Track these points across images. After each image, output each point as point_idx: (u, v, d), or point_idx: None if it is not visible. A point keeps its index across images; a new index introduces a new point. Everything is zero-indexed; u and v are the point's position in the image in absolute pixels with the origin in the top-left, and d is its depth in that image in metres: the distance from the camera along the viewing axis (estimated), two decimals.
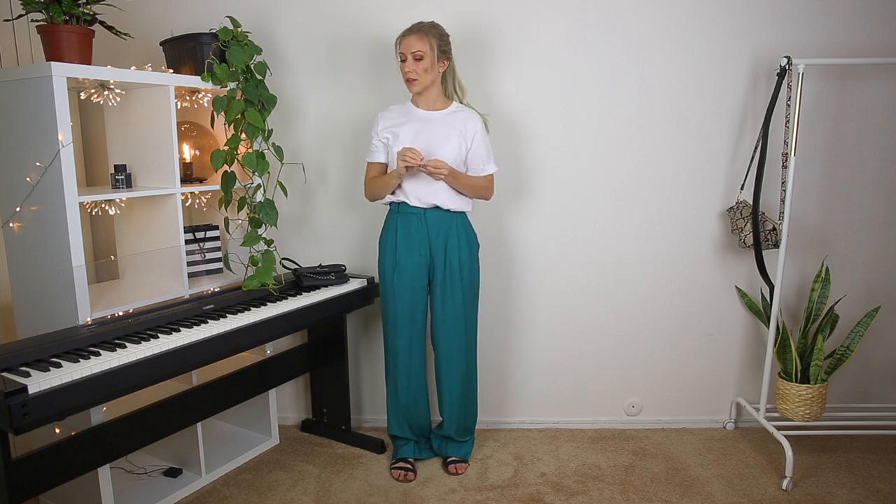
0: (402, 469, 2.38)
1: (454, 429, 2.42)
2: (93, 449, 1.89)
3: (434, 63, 2.19)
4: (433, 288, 2.32)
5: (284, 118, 2.63)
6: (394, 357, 2.36)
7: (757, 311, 2.61)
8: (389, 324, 2.35)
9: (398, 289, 2.30)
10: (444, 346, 2.34)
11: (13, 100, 1.90)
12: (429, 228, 2.26)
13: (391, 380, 2.40)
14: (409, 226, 2.27)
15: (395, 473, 2.37)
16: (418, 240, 2.27)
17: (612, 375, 2.74)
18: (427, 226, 2.26)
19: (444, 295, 2.30)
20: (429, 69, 2.19)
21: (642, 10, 2.49)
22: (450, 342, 2.33)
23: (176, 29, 2.40)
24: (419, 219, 2.26)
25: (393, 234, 2.30)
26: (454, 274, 2.29)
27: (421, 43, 2.16)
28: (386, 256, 2.32)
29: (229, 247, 2.45)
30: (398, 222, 2.29)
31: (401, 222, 2.28)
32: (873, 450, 2.54)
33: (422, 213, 2.26)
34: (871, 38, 2.47)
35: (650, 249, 2.65)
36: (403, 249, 2.28)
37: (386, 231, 2.34)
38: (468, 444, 2.48)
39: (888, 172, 2.58)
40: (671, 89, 2.53)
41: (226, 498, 2.25)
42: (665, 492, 2.26)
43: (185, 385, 2.26)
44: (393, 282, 2.30)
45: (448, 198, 2.25)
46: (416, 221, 2.27)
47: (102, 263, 2.51)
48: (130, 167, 2.28)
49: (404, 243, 2.28)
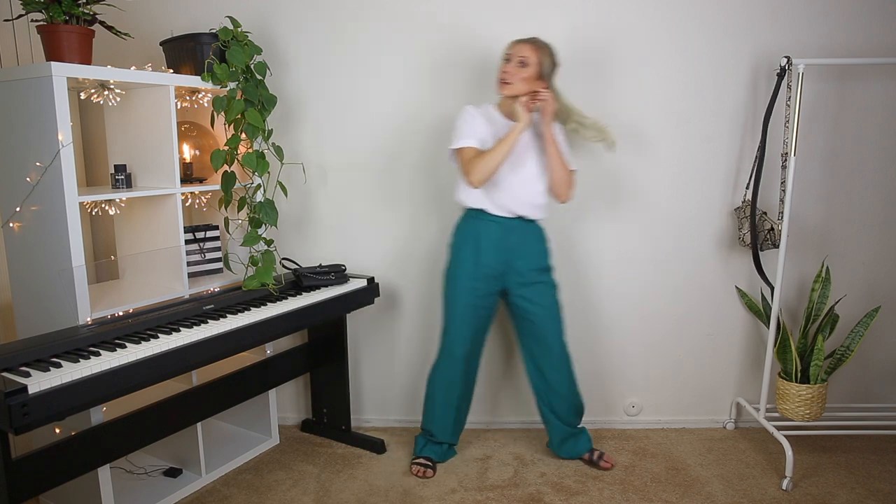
0: (422, 465, 2.39)
1: (575, 418, 2.46)
2: (93, 449, 1.89)
3: (533, 78, 2.17)
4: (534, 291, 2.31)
5: (284, 118, 2.63)
6: (454, 361, 2.36)
7: (757, 311, 2.61)
8: (456, 328, 2.33)
9: (476, 295, 2.29)
10: (555, 340, 2.35)
11: (13, 100, 1.90)
12: (511, 236, 2.27)
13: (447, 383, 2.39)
14: (491, 234, 2.26)
15: (416, 469, 2.38)
16: (497, 247, 2.26)
17: (612, 375, 2.74)
18: (513, 234, 2.27)
19: (536, 294, 2.31)
20: (526, 80, 2.16)
21: (642, 10, 2.49)
22: (557, 336, 2.36)
23: (176, 29, 2.40)
24: (502, 227, 2.26)
25: (474, 240, 2.28)
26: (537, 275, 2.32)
27: (531, 52, 2.16)
28: (465, 263, 2.29)
29: (229, 247, 2.45)
30: (480, 229, 2.27)
31: (483, 230, 2.27)
32: (873, 450, 2.54)
33: (506, 222, 2.26)
34: (871, 39, 2.47)
35: (650, 249, 2.65)
36: (486, 257, 2.27)
37: (465, 236, 2.31)
38: (584, 433, 2.50)
39: (888, 172, 2.58)
40: (671, 89, 2.53)
41: (226, 498, 2.25)
42: (665, 492, 2.26)
43: (185, 385, 2.26)
44: (469, 288, 2.29)
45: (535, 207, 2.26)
46: (497, 230, 2.26)
47: (102, 263, 2.51)
48: (130, 167, 2.28)
49: (487, 251, 2.26)
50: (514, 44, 2.19)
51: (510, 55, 2.17)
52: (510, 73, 2.16)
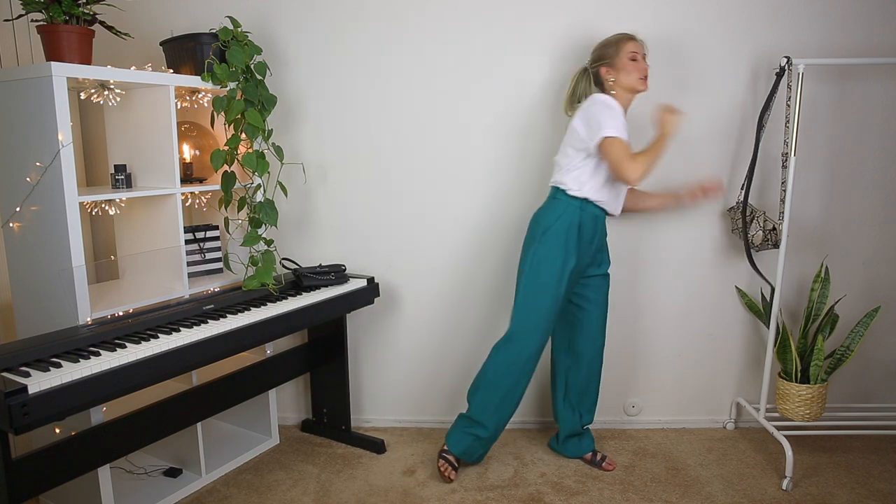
0: (451, 464, 2.35)
1: (591, 416, 2.50)
2: (93, 449, 1.89)
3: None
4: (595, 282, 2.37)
5: (284, 118, 2.63)
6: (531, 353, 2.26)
7: (757, 311, 2.61)
8: (542, 320, 2.24)
9: (567, 288, 2.26)
10: (601, 332, 2.41)
11: (13, 100, 1.90)
12: (598, 232, 2.30)
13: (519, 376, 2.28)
14: (586, 227, 2.24)
15: (442, 464, 2.35)
16: (589, 241, 2.27)
17: (612, 375, 2.74)
18: (600, 230, 2.30)
19: (601, 288, 2.38)
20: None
21: (642, 10, 2.49)
22: (604, 329, 2.42)
23: (176, 29, 2.40)
24: (597, 222, 2.27)
25: (576, 231, 2.22)
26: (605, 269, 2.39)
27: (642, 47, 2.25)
28: (562, 253, 2.22)
29: (229, 247, 2.45)
30: (582, 220, 2.23)
31: (585, 221, 2.23)
32: (873, 450, 2.54)
33: (602, 217, 2.29)
34: (871, 38, 2.47)
35: (650, 249, 2.65)
36: (582, 249, 2.25)
37: (565, 226, 2.22)
38: (590, 431, 2.53)
39: (888, 172, 2.58)
40: (671, 89, 2.53)
41: (226, 498, 2.25)
42: (665, 492, 2.26)
43: (185, 385, 2.26)
44: (563, 280, 2.23)
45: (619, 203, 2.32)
46: (591, 224, 2.26)
47: (102, 263, 2.51)
48: (130, 167, 2.28)
49: (584, 242, 2.25)
50: (633, 42, 2.23)
51: (637, 53, 2.21)
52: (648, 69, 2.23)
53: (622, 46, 2.22)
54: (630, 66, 2.20)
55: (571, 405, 2.47)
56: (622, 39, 2.24)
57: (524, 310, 2.27)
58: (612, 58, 2.23)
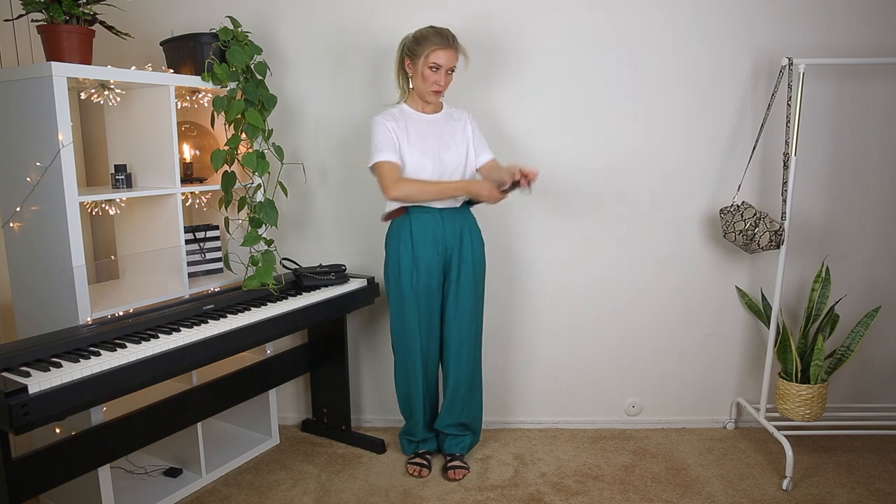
0: (418, 465, 2.39)
1: (454, 426, 2.43)
2: (93, 449, 1.89)
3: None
4: (448, 285, 2.32)
5: (284, 118, 2.63)
6: (414, 359, 2.34)
7: (757, 311, 2.61)
8: (408, 327, 2.31)
9: (419, 291, 2.28)
10: (456, 341, 2.34)
11: (13, 100, 1.90)
12: (444, 227, 2.26)
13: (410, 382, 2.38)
14: (425, 226, 2.25)
15: (412, 469, 2.39)
16: (434, 239, 2.26)
17: (612, 375, 2.74)
18: (443, 224, 2.26)
19: (458, 291, 2.31)
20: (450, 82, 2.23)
21: (642, 10, 2.49)
22: (461, 337, 2.34)
23: (176, 29, 2.40)
24: (434, 217, 2.25)
25: (408, 235, 2.26)
26: (468, 270, 2.31)
27: (455, 59, 2.19)
28: (401, 259, 2.27)
29: (229, 247, 2.45)
30: (412, 224, 2.26)
31: (415, 223, 2.25)
32: (873, 450, 2.54)
33: (437, 213, 2.26)
34: (871, 38, 2.47)
35: (650, 249, 2.65)
36: (421, 251, 2.25)
37: (397, 234, 2.28)
38: (467, 438, 2.48)
39: (889, 172, 2.58)
40: (671, 89, 2.53)
41: (226, 498, 2.25)
42: (665, 492, 2.26)
43: (185, 385, 2.26)
44: (412, 284, 2.27)
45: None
46: (431, 221, 2.25)
47: (102, 263, 2.51)
48: (130, 167, 2.28)
49: (421, 244, 2.25)
50: (439, 51, 2.14)
51: (437, 65, 2.15)
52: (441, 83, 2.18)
53: (429, 54, 2.15)
54: (426, 74, 2.18)
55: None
56: (433, 47, 2.14)
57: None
58: (416, 57, 2.19)
